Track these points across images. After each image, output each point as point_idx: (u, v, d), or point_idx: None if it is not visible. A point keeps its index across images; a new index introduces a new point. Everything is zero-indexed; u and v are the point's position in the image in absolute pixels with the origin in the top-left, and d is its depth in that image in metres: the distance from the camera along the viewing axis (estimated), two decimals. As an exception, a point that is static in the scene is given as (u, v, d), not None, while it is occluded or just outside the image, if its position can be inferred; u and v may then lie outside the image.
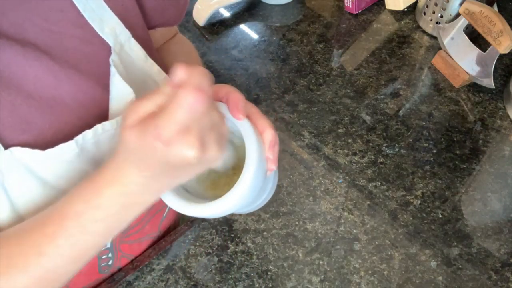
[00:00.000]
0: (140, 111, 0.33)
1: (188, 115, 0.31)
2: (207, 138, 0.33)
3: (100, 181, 0.37)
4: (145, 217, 0.62)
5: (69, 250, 0.39)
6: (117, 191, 0.37)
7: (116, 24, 0.47)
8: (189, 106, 0.30)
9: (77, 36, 0.44)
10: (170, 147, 0.31)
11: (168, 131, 0.31)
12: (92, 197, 0.38)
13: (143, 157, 0.33)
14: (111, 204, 0.37)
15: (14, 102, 0.41)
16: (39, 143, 0.43)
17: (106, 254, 0.60)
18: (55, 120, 0.44)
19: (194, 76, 0.31)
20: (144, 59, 0.51)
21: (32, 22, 0.42)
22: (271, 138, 0.42)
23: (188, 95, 0.30)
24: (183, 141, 0.31)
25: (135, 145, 0.33)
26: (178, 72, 0.31)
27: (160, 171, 0.35)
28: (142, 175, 0.35)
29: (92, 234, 0.39)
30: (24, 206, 0.44)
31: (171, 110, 0.31)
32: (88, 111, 0.46)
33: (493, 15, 0.74)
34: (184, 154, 0.32)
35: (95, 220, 0.38)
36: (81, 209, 0.38)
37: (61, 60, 0.43)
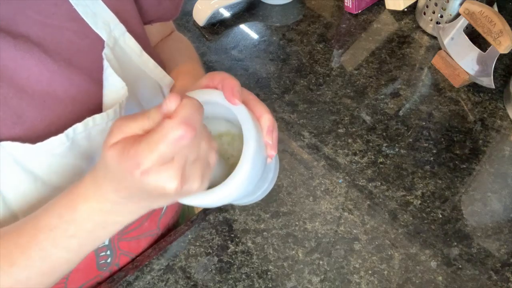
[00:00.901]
0: (124, 131, 0.32)
1: (172, 147, 0.30)
2: (190, 170, 0.33)
3: (76, 195, 0.37)
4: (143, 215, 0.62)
5: (40, 263, 0.38)
6: (92, 208, 0.36)
7: (110, 19, 0.47)
8: (174, 140, 0.30)
9: (71, 30, 0.44)
10: (149, 176, 0.31)
11: (148, 162, 0.30)
12: (66, 212, 0.37)
13: (120, 179, 0.33)
14: (85, 221, 0.37)
15: (6, 95, 0.41)
16: (30, 136, 0.43)
17: (104, 252, 0.60)
18: (47, 113, 0.44)
19: (185, 108, 0.30)
20: (139, 53, 0.50)
21: (25, 15, 0.41)
22: (268, 123, 0.41)
23: (175, 128, 0.29)
24: (162, 173, 0.31)
25: (114, 166, 0.32)
26: (169, 102, 0.30)
27: (137, 195, 0.34)
28: (119, 196, 0.35)
29: (64, 249, 0.38)
30: (15, 201, 0.44)
31: (155, 140, 0.30)
32: (80, 104, 0.46)
33: (493, 15, 0.74)
34: (162, 186, 0.31)
35: (67, 235, 0.37)
36: (54, 223, 0.37)
37: (54, 53, 0.43)
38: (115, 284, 0.63)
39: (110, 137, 0.32)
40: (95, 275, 0.62)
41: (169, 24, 0.68)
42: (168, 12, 0.60)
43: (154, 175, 0.31)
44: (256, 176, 0.41)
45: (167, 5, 0.58)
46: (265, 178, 0.46)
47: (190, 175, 0.33)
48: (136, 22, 0.52)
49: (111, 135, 0.32)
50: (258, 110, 0.41)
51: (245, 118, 0.39)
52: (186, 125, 0.30)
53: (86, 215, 0.36)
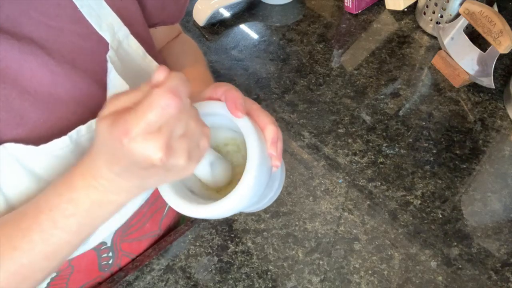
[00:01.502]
0: (117, 104, 0.33)
1: (159, 116, 0.31)
2: (177, 144, 0.33)
3: (75, 174, 0.37)
4: (145, 215, 0.62)
5: (42, 245, 0.39)
6: (88, 184, 0.37)
7: (114, 21, 0.47)
8: (161, 107, 0.30)
9: (75, 32, 0.44)
10: (136, 144, 0.31)
11: (135, 129, 0.31)
12: (65, 191, 0.38)
13: (111, 150, 0.33)
14: (82, 199, 0.37)
15: (9, 96, 0.41)
16: (33, 138, 0.43)
17: (106, 253, 0.60)
18: (50, 115, 0.44)
19: (172, 79, 0.31)
20: (142, 56, 0.50)
21: (29, 16, 0.41)
22: (272, 134, 0.41)
23: (162, 96, 0.30)
24: (149, 141, 0.31)
25: (105, 136, 0.33)
26: (157, 73, 0.31)
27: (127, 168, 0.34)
28: (111, 171, 0.35)
29: (64, 230, 0.39)
30: (18, 202, 0.44)
31: (143, 108, 0.31)
32: (84, 107, 0.46)
33: (493, 15, 0.74)
34: (148, 153, 0.32)
35: (66, 215, 0.38)
36: (54, 202, 0.38)
37: (58, 55, 0.43)
38: (115, 284, 0.63)
39: (103, 111, 0.33)
40: (96, 275, 0.62)
41: (176, 26, 0.68)
42: (172, 15, 0.60)
43: (141, 143, 0.31)
44: (260, 187, 0.41)
45: (171, 9, 0.58)
46: (271, 186, 0.46)
47: (177, 149, 0.33)
48: (140, 24, 0.52)
49: (104, 109, 0.33)
50: (262, 121, 0.41)
51: (249, 130, 0.39)
52: (172, 94, 0.30)
53: (84, 192, 0.37)
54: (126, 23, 0.48)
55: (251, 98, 0.69)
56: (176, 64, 0.62)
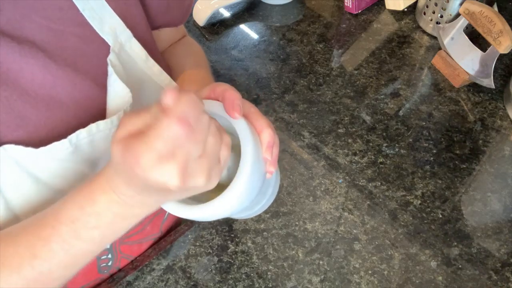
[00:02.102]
0: (128, 126, 0.32)
1: (168, 145, 0.30)
2: (195, 166, 0.32)
3: (95, 188, 0.37)
4: (146, 218, 0.62)
5: (63, 255, 0.39)
6: (111, 199, 0.36)
7: (116, 24, 0.47)
8: (169, 136, 0.30)
9: (76, 35, 0.44)
10: (149, 173, 0.31)
11: (146, 159, 0.30)
12: (87, 204, 0.37)
13: (127, 174, 0.33)
14: (105, 212, 0.37)
15: (10, 98, 0.41)
16: (33, 140, 0.42)
17: (105, 255, 0.60)
18: (50, 117, 0.44)
19: (181, 104, 0.30)
20: (144, 59, 0.50)
21: (31, 20, 0.41)
22: (269, 138, 0.41)
23: (169, 124, 0.29)
24: (162, 170, 0.31)
25: (120, 162, 0.32)
26: (166, 96, 0.30)
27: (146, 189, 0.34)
28: (130, 189, 0.35)
29: (86, 241, 0.39)
30: (18, 204, 0.44)
31: (151, 137, 0.30)
32: (84, 110, 0.46)
33: (493, 15, 0.74)
34: (163, 181, 0.31)
35: (89, 227, 0.38)
36: (76, 215, 0.38)
37: (59, 58, 0.43)
38: (115, 284, 0.63)
39: (117, 133, 0.33)
40: (95, 277, 0.62)
41: (180, 28, 0.67)
42: (177, 17, 0.59)
43: (154, 172, 0.31)
44: (252, 192, 0.40)
45: (175, 11, 0.58)
46: (264, 193, 0.45)
47: (194, 172, 0.32)
48: (143, 27, 0.52)
49: (118, 131, 0.33)
50: (259, 124, 0.41)
51: (244, 132, 0.38)
52: (180, 122, 0.29)
53: (106, 206, 0.37)
54: (129, 26, 0.48)
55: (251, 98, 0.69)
56: (178, 67, 0.62)
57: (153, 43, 0.55)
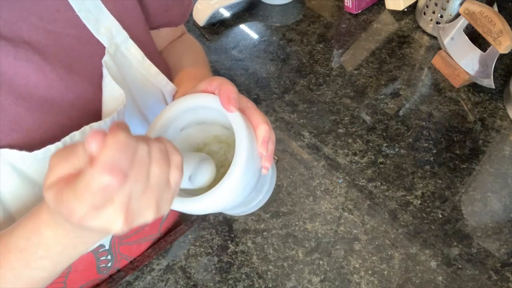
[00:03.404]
0: (58, 170, 0.30)
1: (100, 196, 0.28)
2: (139, 204, 0.30)
3: (40, 221, 0.35)
4: None
5: (14, 282, 0.38)
6: (56, 233, 0.35)
7: (112, 25, 0.47)
8: (99, 187, 0.27)
9: (72, 36, 0.44)
10: (87, 223, 0.29)
11: (79, 211, 0.28)
12: (32, 235, 0.36)
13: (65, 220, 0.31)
14: (53, 244, 0.35)
15: (4, 102, 0.41)
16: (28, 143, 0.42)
17: (104, 256, 0.60)
18: (44, 120, 0.43)
19: (107, 150, 0.27)
20: (141, 60, 0.50)
21: (27, 21, 0.41)
22: (264, 133, 0.40)
23: (97, 177, 0.27)
24: (101, 217, 0.29)
25: (54, 209, 0.30)
26: (89, 143, 0.28)
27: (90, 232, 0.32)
28: (75, 227, 0.33)
29: (37, 269, 0.37)
30: (14, 207, 0.44)
31: (80, 189, 0.28)
32: (79, 112, 0.45)
33: (493, 15, 0.74)
34: (105, 227, 0.29)
35: (38, 257, 0.36)
36: (22, 245, 0.36)
37: (54, 59, 0.43)
38: (115, 284, 0.63)
39: (47, 177, 0.30)
40: (94, 278, 0.62)
41: (179, 26, 0.67)
42: (176, 17, 0.59)
43: (92, 220, 0.29)
44: (247, 186, 0.39)
45: (175, 11, 0.58)
46: (259, 189, 0.45)
47: (140, 208, 0.31)
48: (141, 28, 0.51)
49: (48, 175, 0.31)
50: (255, 119, 0.40)
51: (239, 126, 0.38)
52: (109, 171, 0.27)
53: (53, 239, 0.35)
54: (126, 27, 0.48)
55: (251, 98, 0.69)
56: (177, 64, 0.61)
57: (151, 44, 0.54)
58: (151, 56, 0.52)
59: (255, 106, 0.41)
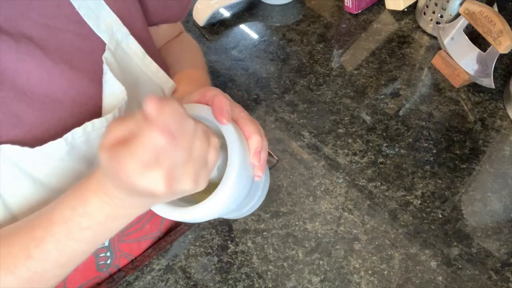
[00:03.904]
0: (115, 133, 0.33)
1: (150, 153, 0.30)
2: (181, 171, 0.33)
3: (86, 189, 0.38)
4: (145, 216, 0.62)
5: (57, 255, 0.39)
6: (102, 200, 0.37)
7: (113, 21, 0.47)
8: (151, 146, 0.30)
9: (73, 32, 0.44)
10: (134, 179, 0.31)
11: (130, 166, 0.31)
12: (78, 205, 0.38)
13: (115, 180, 0.34)
14: (97, 213, 0.37)
15: (6, 98, 0.41)
16: (29, 139, 0.43)
17: (104, 253, 0.60)
18: (46, 116, 0.44)
19: (163, 114, 0.30)
20: (141, 56, 0.50)
21: (28, 17, 0.41)
22: (257, 144, 0.41)
23: (152, 135, 0.30)
24: (147, 175, 0.31)
25: (106, 168, 0.33)
26: (148, 106, 0.30)
27: (135, 193, 0.34)
28: (120, 192, 0.35)
29: (79, 241, 0.39)
30: (15, 203, 0.44)
31: (134, 146, 0.30)
32: (80, 107, 0.46)
33: (493, 15, 0.74)
34: (148, 187, 0.32)
35: (81, 227, 0.38)
36: (68, 216, 0.38)
37: (55, 55, 0.43)
38: (115, 284, 0.63)
39: (104, 139, 0.33)
40: (94, 275, 0.62)
41: (177, 25, 0.67)
42: (175, 14, 0.59)
43: (139, 179, 0.31)
44: (239, 196, 0.40)
45: (174, 7, 0.58)
46: (252, 195, 0.46)
47: (181, 176, 0.33)
48: (140, 25, 0.52)
49: (104, 137, 0.33)
50: (248, 130, 0.41)
51: (232, 138, 0.39)
52: (162, 132, 0.30)
53: (98, 207, 0.37)
54: (126, 23, 0.48)
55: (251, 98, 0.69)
56: (174, 64, 0.62)
57: (151, 41, 0.55)
58: (151, 53, 0.52)
59: (249, 116, 0.42)
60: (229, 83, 0.87)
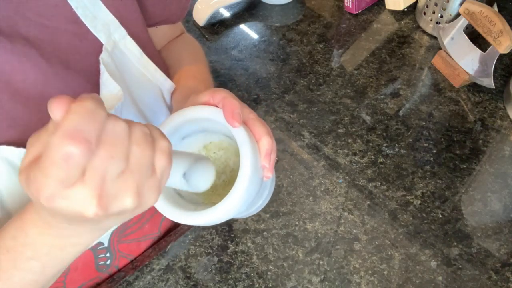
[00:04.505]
0: (30, 151, 0.28)
1: (65, 169, 0.25)
2: (115, 186, 0.27)
3: (26, 220, 0.34)
4: (144, 216, 0.62)
5: (8, 283, 0.37)
6: (42, 232, 0.33)
7: (110, 22, 0.47)
8: (63, 158, 0.24)
9: (70, 32, 0.44)
10: (55, 203, 0.26)
11: (47, 188, 0.26)
12: (19, 235, 0.34)
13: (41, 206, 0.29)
14: (39, 244, 0.34)
15: (1, 98, 0.41)
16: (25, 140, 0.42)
17: (103, 254, 0.60)
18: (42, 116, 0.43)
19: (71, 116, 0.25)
20: (139, 57, 0.50)
21: (24, 16, 0.41)
22: (267, 146, 0.40)
23: (60, 145, 0.24)
24: (71, 197, 0.26)
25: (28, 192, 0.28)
26: (52, 110, 0.25)
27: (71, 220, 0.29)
28: (58, 221, 0.31)
29: (25, 271, 0.36)
30: (12, 204, 0.44)
31: (45, 163, 0.25)
32: None
33: (493, 15, 0.74)
34: (77, 211, 0.27)
35: (25, 257, 0.35)
36: (10, 245, 0.35)
37: (51, 55, 0.43)
38: (115, 284, 0.63)
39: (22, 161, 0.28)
40: (94, 276, 0.61)
41: (178, 25, 0.67)
42: (174, 14, 0.59)
43: (61, 200, 0.26)
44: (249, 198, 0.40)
45: (173, 8, 0.58)
46: (260, 195, 0.46)
47: (116, 192, 0.28)
48: (139, 25, 0.52)
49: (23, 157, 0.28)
50: (257, 131, 0.40)
51: (243, 140, 0.38)
52: (71, 139, 0.24)
53: (39, 239, 0.34)
54: (124, 23, 0.48)
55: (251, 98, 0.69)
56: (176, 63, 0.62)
57: (149, 41, 0.54)
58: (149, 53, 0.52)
59: (258, 117, 0.41)
60: (229, 83, 0.87)
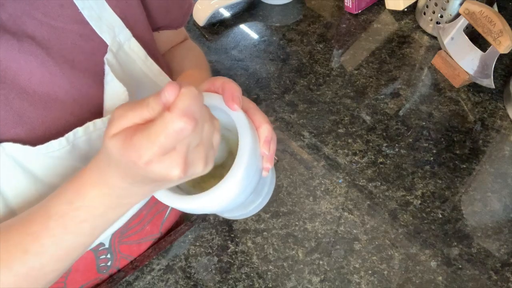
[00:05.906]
0: (125, 121, 0.32)
1: (172, 140, 0.30)
2: (193, 155, 0.33)
3: (85, 182, 0.37)
4: (145, 217, 0.62)
5: (53, 249, 0.39)
6: (101, 192, 0.36)
7: (115, 23, 0.47)
8: (174, 132, 0.30)
9: (75, 32, 0.44)
10: (151, 167, 0.31)
11: (149, 153, 0.31)
12: (75, 198, 0.37)
13: (125, 168, 0.33)
14: (96, 206, 0.37)
15: (8, 96, 0.41)
16: (31, 137, 0.43)
17: (104, 255, 0.60)
18: (47, 115, 0.44)
19: (183, 98, 0.30)
20: (144, 59, 0.50)
21: (31, 16, 0.42)
22: (267, 133, 0.41)
23: (175, 121, 0.30)
24: (165, 162, 0.31)
25: (117, 156, 0.32)
26: (167, 92, 0.30)
27: (142, 181, 0.34)
28: (125, 181, 0.35)
29: (77, 234, 0.39)
30: (15, 201, 0.44)
31: (155, 132, 0.30)
32: (82, 107, 0.46)
33: (493, 15, 0.74)
34: (165, 173, 0.32)
35: (79, 221, 0.38)
36: (64, 210, 0.38)
37: (58, 55, 0.43)
38: (115, 284, 0.63)
39: (111, 127, 0.32)
40: (94, 277, 0.62)
41: (181, 31, 0.68)
42: (176, 19, 0.60)
43: (157, 165, 0.31)
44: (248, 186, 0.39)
45: (175, 13, 0.58)
46: (259, 191, 0.45)
47: (193, 160, 0.33)
48: (144, 27, 0.52)
49: (111, 125, 0.32)
50: (257, 119, 0.41)
51: (243, 124, 0.38)
52: (186, 117, 0.30)
53: (96, 200, 0.37)
54: (129, 25, 0.48)
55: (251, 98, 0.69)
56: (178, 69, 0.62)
57: (153, 43, 0.55)
58: (153, 55, 0.52)
59: (257, 107, 0.42)
60: (229, 83, 0.87)
